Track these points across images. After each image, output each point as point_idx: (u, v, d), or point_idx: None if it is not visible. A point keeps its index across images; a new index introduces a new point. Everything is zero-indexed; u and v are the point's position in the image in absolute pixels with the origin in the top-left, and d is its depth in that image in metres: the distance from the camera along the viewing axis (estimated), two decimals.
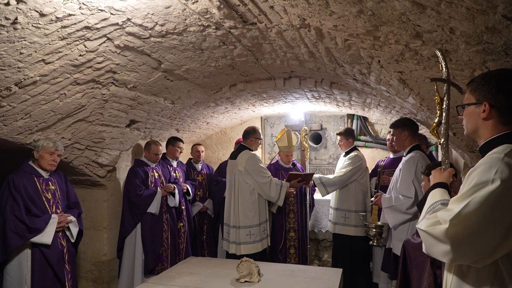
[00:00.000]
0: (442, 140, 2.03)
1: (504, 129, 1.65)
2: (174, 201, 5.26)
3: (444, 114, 1.98)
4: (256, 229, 4.67)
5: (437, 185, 1.85)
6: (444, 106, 1.99)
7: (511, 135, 1.63)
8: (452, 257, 1.49)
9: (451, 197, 1.66)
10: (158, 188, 5.16)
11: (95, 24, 2.61)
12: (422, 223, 1.63)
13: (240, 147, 4.98)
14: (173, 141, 5.74)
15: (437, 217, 1.56)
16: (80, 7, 2.36)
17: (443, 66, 2.00)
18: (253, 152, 4.92)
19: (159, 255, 5.09)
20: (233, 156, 4.95)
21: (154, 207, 5.00)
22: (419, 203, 1.97)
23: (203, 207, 6.08)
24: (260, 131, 5.13)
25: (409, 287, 3.10)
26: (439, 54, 2.01)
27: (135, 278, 4.96)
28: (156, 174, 5.27)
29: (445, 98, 2.00)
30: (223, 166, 6.35)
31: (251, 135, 4.96)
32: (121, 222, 5.14)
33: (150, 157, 5.28)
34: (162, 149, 5.44)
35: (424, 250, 1.67)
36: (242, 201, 4.69)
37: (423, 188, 3.31)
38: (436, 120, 2.08)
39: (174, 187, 5.27)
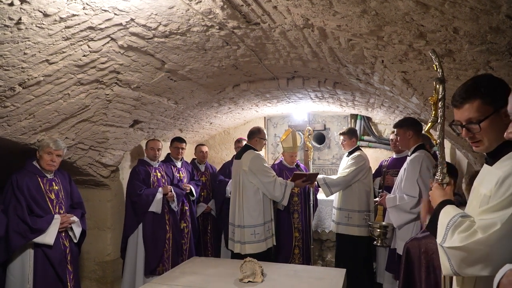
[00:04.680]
0: (438, 140, 2.02)
1: None
2: (173, 205, 5.25)
3: (440, 114, 1.97)
4: (260, 228, 4.67)
5: (445, 203, 1.79)
6: (439, 106, 1.98)
7: None
8: (493, 267, 1.43)
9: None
10: (160, 188, 5.13)
11: (99, 24, 2.61)
12: (454, 240, 1.55)
13: (244, 147, 4.99)
14: (172, 142, 5.76)
15: (473, 228, 1.51)
16: (84, 7, 2.37)
17: (438, 66, 1.99)
18: (258, 152, 4.92)
19: (160, 256, 5.07)
20: (238, 156, 4.96)
21: (155, 206, 4.99)
22: (429, 224, 1.90)
23: (207, 207, 6.08)
24: (265, 131, 5.13)
25: None
26: (433, 55, 2.00)
27: (137, 278, 4.96)
28: (159, 174, 5.26)
29: (441, 98, 1.99)
30: (226, 165, 6.37)
31: (256, 135, 4.96)
32: (124, 222, 5.14)
33: (148, 153, 5.27)
34: (162, 144, 5.41)
35: (449, 270, 1.59)
36: (247, 200, 4.69)
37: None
38: (431, 120, 2.07)
39: (171, 189, 5.22)
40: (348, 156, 5.40)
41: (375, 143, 6.82)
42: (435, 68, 2.00)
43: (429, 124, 2.12)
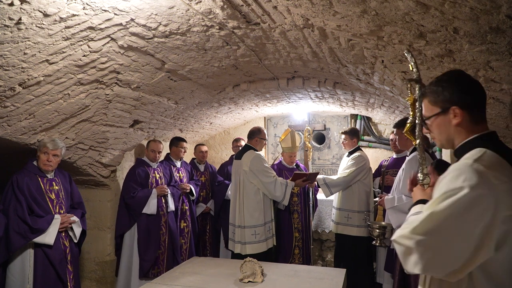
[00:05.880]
0: (418, 141, 2.00)
1: (476, 129, 1.60)
2: (169, 206, 5.19)
3: (418, 115, 1.96)
4: (261, 228, 4.67)
5: (419, 202, 1.82)
6: (417, 106, 1.97)
7: (483, 138, 1.58)
8: (422, 266, 1.42)
9: None
10: (154, 189, 5.05)
11: (99, 24, 2.61)
12: (394, 234, 1.57)
13: (245, 147, 4.99)
14: (176, 142, 5.71)
15: (408, 224, 1.51)
16: (84, 7, 2.37)
17: (413, 66, 1.98)
18: (258, 152, 4.92)
19: (155, 259, 5.00)
20: (238, 156, 4.96)
21: (149, 208, 4.93)
22: None
23: (206, 208, 6.08)
24: (265, 131, 5.13)
25: (408, 286, 3.10)
26: (408, 55, 1.99)
27: (133, 280, 4.92)
28: (157, 175, 5.23)
29: (418, 98, 1.98)
30: (224, 166, 6.37)
31: (256, 135, 4.96)
32: (116, 221, 5.09)
33: (149, 154, 5.22)
34: (163, 147, 5.37)
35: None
36: (247, 201, 4.69)
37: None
38: (409, 121, 2.06)
39: (168, 191, 5.17)
40: (348, 156, 5.40)
41: (375, 143, 6.82)
42: (411, 68, 1.99)
43: (407, 125, 2.11)
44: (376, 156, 6.70)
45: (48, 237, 3.62)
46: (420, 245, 1.42)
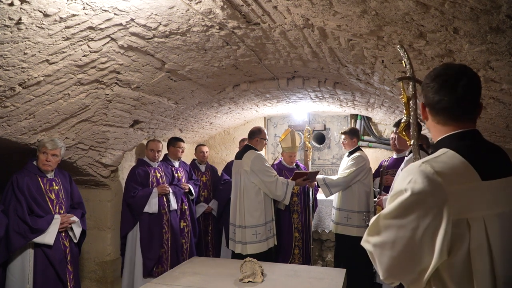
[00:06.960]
0: (412, 141, 1.94)
1: (444, 130, 1.51)
2: (171, 205, 5.21)
3: (412, 114, 1.91)
4: (262, 228, 4.67)
5: None
6: (411, 105, 1.93)
7: (456, 136, 1.48)
8: (383, 271, 1.41)
9: None
10: (155, 188, 5.07)
11: (99, 24, 2.61)
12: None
13: (245, 147, 4.98)
14: (174, 142, 5.70)
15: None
16: (84, 7, 2.37)
17: (407, 63, 1.93)
18: (259, 152, 4.91)
19: (158, 257, 5.03)
20: (239, 156, 4.95)
21: (150, 207, 4.95)
22: None
23: (208, 208, 6.08)
24: (265, 131, 5.13)
25: None
26: (401, 51, 1.94)
27: (135, 279, 4.94)
28: (158, 175, 5.24)
29: (412, 96, 1.94)
30: (229, 165, 6.35)
31: (256, 135, 4.96)
32: (120, 221, 5.12)
33: (148, 154, 5.24)
34: (162, 146, 5.38)
35: None
36: (248, 201, 4.69)
37: None
38: (403, 121, 2.02)
39: (169, 190, 5.19)
40: (348, 156, 5.39)
41: (375, 143, 6.82)
42: (404, 65, 1.95)
43: (401, 125, 2.06)
44: (376, 156, 6.70)
45: (48, 237, 3.62)
46: (375, 248, 1.41)
